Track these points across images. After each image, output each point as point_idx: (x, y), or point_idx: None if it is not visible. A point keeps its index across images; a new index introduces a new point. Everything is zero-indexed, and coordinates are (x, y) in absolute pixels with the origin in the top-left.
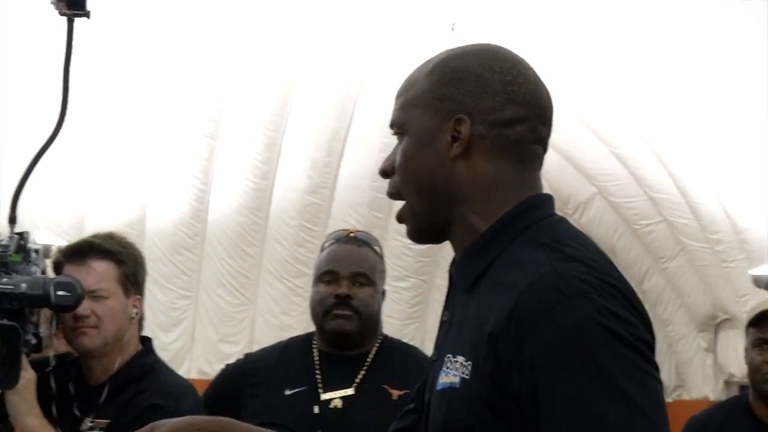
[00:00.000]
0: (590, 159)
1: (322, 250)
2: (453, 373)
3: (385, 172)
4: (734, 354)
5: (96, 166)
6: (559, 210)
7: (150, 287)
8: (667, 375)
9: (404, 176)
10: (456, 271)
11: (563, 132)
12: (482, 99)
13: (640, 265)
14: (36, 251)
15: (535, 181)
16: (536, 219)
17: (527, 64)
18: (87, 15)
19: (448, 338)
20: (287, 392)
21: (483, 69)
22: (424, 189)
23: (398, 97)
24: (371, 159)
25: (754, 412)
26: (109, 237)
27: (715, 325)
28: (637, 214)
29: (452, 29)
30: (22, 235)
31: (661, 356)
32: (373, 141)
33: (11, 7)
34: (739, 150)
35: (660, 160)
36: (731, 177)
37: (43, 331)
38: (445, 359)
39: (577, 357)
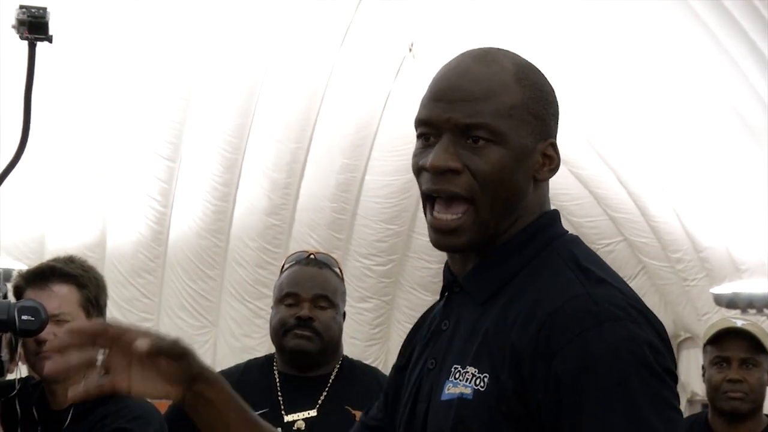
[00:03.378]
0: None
1: (282, 271)
2: (463, 384)
3: (452, 171)
4: (696, 372)
5: (56, 189)
6: None
7: (111, 310)
8: None
9: (491, 185)
10: (470, 282)
11: None
12: (556, 124)
13: None
14: None
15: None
16: (555, 235)
17: None
18: (49, 40)
19: (451, 348)
20: None
21: (553, 92)
22: (505, 202)
23: (481, 98)
24: (331, 179)
25: (713, 430)
26: (70, 260)
27: (677, 343)
28: (598, 234)
29: (410, 50)
30: None
31: None
32: (333, 161)
33: None
34: (698, 170)
35: (620, 179)
36: (691, 196)
37: (3, 355)
38: (452, 369)
39: (607, 384)
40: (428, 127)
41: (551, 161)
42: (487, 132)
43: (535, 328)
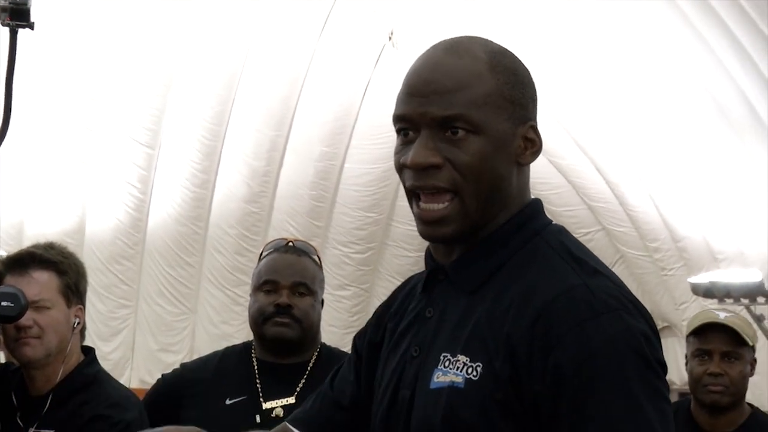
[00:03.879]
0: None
1: (261, 258)
2: (453, 372)
3: (434, 166)
4: (673, 362)
5: (34, 175)
6: None
7: (89, 296)
8: None
9: (473, 175)
10: (457, 271)
11: None
12: (534, 106)
13: None
14: None
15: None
16: (541, 225)
17: None
18: (31, 26)
19: (438, 336)
20: (228, 402)
21: (529, 75)
22: (489, 190)
23: (454, 90)
24: (310, 168)
25: (695, 420)
26: (50, 247)
27: None
28: (576, 223)
29: (389, 38)
30: None
31: None
32: (312, 150)
33: None
34: (677, 160)
35: (598, 169)
36: (669, 186)
37: None
38: (441, 358)
39: (607, 375)
40: (406, 123)
41: (533, 144)
42: (465, 123)
43: (531, 318)
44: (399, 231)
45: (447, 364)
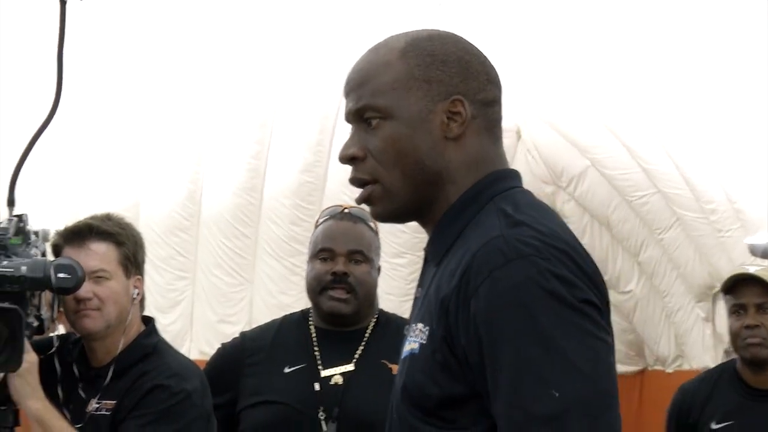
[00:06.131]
0: (582, 132)
1: (317, 226)
2: (413, 340)
3: (354, 158)
4: None
5: (91, 150)
6: (553, 184)
7: (147, 269)
8: (666, 346)
9: (390, 159)
10: (428, 249)
11: (555, 106)
12: (469, 80)
13: (635, 237)
14: (36, 233)
15: (504, 157)
16: (501, 190)
17: None
18: None
19: (415, 311)
20: (287, 370)
21: (462, 52)
22: (413, 171)
23: (362, 83)
24: None
25: (741, 377)
26: (107, 218)
27: (712, 294)
28: (631, 186)
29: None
30: (21, 218)
31: (660, 327)
32: None
33: None
34: (731, 119)
35: (652, 130)
36: (724, 146)
37: (44, 313)
38: (410, 328)
39: (516, 317)
40: (347, 122)
41: (460, 116)
42: (373, 111)
43: (458, 276)
44: None
45: (411, 333)
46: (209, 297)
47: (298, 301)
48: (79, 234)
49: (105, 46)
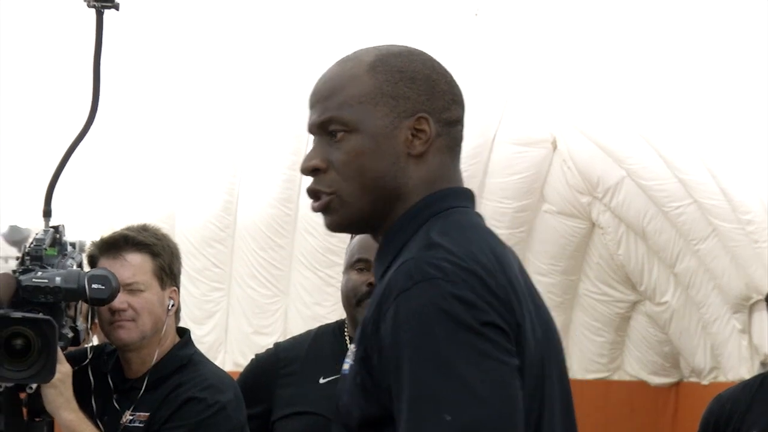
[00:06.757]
0: (618, 142)
1: (352, 237)
2: (347, 360)
3: (316, 170)
4: None
5: (127, 161)
6: (588, 194)
7: (182, 280)
8: (702, 357)
9: (351, 173)
10: (374, 264)
11: (591, 116)
12: (435, 99)
13: (672, 247)
14: (72, 245)
15: (460, 176)
16: (440, 210)
17: None
18: (116, 7)
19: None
20: (322, 381)
21: (429, 70)
22: (372, 185)
23: (329, 96)
24: None
25: None
26: (143, 229)
27: (749, 305)
28: (667, 196)
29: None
30: (57, 229)
31: (696, 339)
32: None
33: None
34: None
35: (688, 140)
36: (760, 156)
37: (80, 324)
38: (350, 348)
39: (414, 341)
40: (310, 133)
41: (424, 134)
42: (338, 124)
43: (377, 299)
44: (489, 207)
45: (349, 355)
46: (244, 308)
47: (333, 312)
48: (115, 245)
49: (142, 57)
